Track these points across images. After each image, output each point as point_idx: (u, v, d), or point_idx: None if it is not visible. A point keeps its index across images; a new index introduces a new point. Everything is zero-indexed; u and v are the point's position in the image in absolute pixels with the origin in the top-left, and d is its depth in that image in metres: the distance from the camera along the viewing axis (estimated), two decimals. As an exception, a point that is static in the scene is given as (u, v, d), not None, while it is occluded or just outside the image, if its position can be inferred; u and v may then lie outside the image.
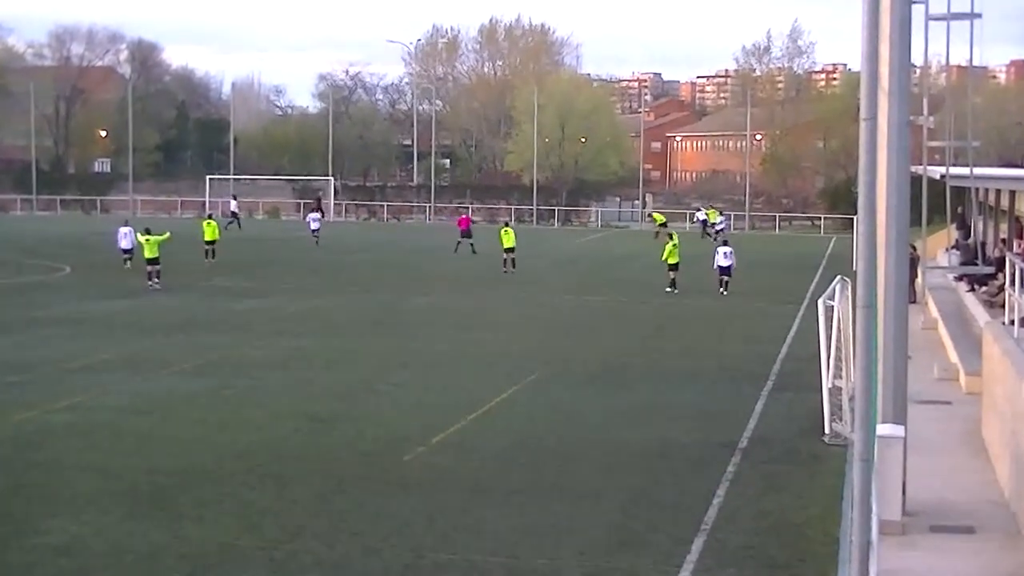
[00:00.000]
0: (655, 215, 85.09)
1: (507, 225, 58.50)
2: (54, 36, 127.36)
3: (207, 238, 56.11)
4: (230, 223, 77.25)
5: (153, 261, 45.51)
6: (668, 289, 45.82)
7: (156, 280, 45.10)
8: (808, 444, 21.86)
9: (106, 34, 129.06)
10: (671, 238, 48.01)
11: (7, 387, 26.25)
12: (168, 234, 47.56)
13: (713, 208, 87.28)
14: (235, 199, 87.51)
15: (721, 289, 46.11)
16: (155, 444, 21.26)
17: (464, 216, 70.04)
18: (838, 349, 22.65)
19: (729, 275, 46.35)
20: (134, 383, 26.91)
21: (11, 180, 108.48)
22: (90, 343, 32.44)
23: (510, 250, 53.60)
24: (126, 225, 54.27)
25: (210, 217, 61.62)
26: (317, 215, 74.04)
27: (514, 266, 53.19)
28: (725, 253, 46.47)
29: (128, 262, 51.65)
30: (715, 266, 46.85)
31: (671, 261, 46.37)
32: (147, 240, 45.91)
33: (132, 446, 21.12)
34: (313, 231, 69.62)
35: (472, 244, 62.26)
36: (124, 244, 52.22)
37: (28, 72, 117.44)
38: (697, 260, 52.62)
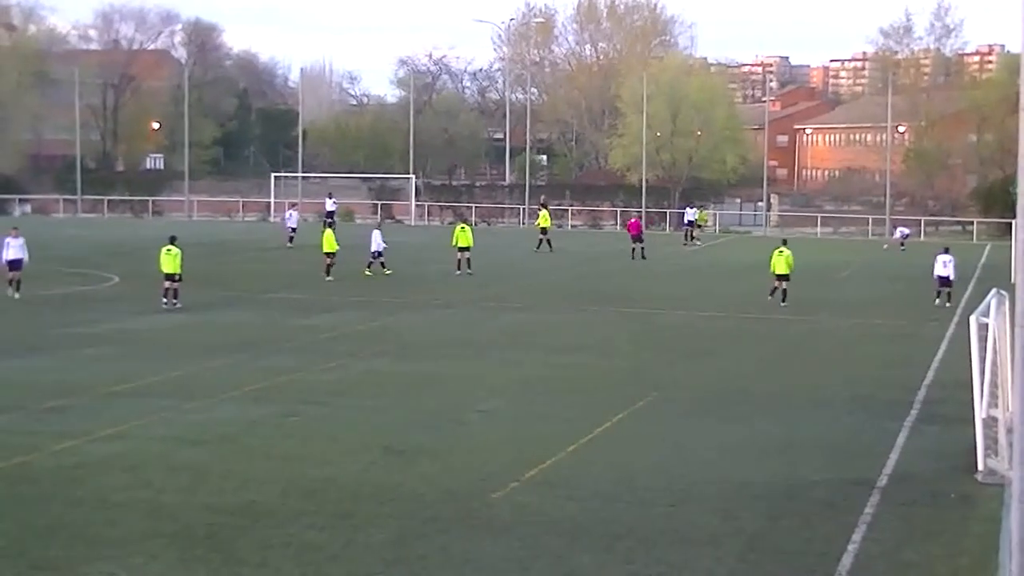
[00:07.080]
0: (542, 215, 76.40)
1: (465, 222, 61.99)
2: (101, 16, 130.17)
3: (326, 249, 54.58)
4: (328, 224, 79.87)
5: (171, 277, 43.81)
6: (782, 303, 46.18)
7: (175, 299, 43.64)
8: (958, 483, 21.63)
9: (159, 14, 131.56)
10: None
11: (45, 414, 26.52)
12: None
13: (700, 207, 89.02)
14: (331, 197, 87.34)
15: (938, 302, 46.90)
16: (211, 479, 21.41)
17: (634, 219, 73.19)
18: (994, 374, 22.35)
19: (949, 286, 47.29)
20: (188, 410, 27.09)
21: (52, 179, 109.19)
22: (139, 364, 32.60)
23: (464, 249, 56.78)
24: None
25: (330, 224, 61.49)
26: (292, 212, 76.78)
27: (469, 266, 56.31)
28: (945, 262, 47.34)
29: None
30: (934, 276, 47.94)
31: (779, 272, 46.85)
32: (168, 251, 44.20)
33: (186, 481, 21.27)
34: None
35: (643, 248, 67.32)
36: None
37: (72, 57, 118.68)
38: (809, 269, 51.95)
